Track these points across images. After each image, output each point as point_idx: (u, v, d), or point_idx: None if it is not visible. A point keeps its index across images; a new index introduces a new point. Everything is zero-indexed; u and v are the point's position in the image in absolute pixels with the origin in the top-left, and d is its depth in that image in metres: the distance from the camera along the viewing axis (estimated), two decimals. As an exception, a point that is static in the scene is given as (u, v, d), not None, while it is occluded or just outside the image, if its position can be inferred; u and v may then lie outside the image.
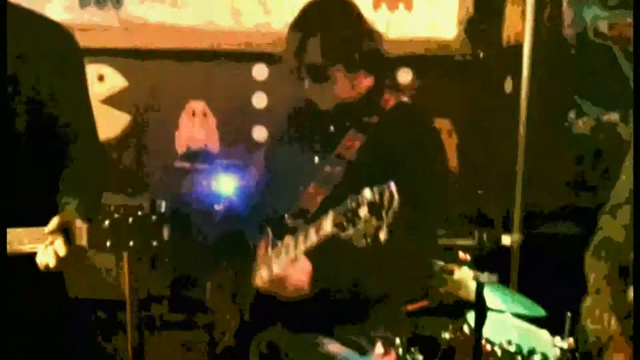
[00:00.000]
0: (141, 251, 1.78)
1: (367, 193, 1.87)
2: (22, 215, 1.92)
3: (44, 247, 1.83)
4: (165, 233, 1.77)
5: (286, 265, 2.10)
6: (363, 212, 1.85)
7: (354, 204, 1.88)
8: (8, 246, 1.87)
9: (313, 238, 2.01)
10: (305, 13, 2.27)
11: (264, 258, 2.21)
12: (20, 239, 1.87)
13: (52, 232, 1.81)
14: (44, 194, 2.03)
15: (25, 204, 1.99)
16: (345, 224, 1.88)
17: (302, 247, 2.05)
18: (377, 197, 1.84)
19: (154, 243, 1.76)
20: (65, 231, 1.81)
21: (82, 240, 1.77)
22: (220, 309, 2.39)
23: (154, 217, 1.76)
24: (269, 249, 2.21)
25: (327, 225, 1.94)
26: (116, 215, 1.75)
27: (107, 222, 1.75)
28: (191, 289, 3.45)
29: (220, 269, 2.40)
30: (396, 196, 1.82)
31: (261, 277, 2.18)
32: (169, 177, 3.88)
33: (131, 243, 1.75)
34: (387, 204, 1.82)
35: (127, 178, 3.97)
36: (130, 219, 1.75)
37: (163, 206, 1.78)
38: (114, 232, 1.75)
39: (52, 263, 1.82)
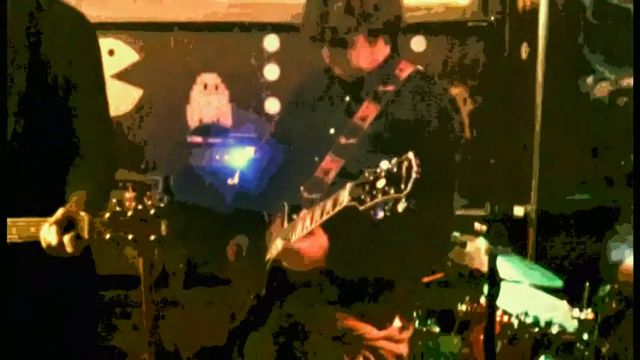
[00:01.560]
0: (140, 244, 1.79)
1: (384, 164, 1.84)
2: (31, 204, 1.94)
3: (47, 226, 1.86)
4: (163, 227, 1.78)
5: (302, 238, 2.08)
6: (381, 184, 1.82)
7: (371, 176, 1.85)
8: (17, 235, 1.90)
9: (330, 211, 1.99)
10: None
11: (280, 231, 2.20)
12: (28, 228, 1.90)
13: (56, 223, 1.84)
14: (54, 178, 2.03)
15: (33, 189, 1.99)
16: (363, 196, 1.86)
17: (318, 220, 2.04)
18: (395, 168, 1.82)
19: (152, 237, 1.78)
20: (70, 222, 1.84)
21: (84, 231, 1.81)
22: (238, 279, 2.38)
23: (152, 212, 1.77)
24: (285, 222, 2.19)
25: (344, 197, 1.91)
26: (117, 208, 1.77)
27: (107, 215, 1.77)
28: (206, 264, 3.45)
29: (238, 238, 2.39)
30: (415, 167, 1.79)
31: (277, 248, 2.17)
32: (181, 152, 3.86)
33: (130, 236, 1.78)
34: (405, 174, 1.79)
35: (139, 154, 3.96)
36: (129, 213, 1.77)
37: (165, 200, 1.78)
38: (113, 224, 1.77)
39: (54, 241, 1.85)
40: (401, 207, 1.81)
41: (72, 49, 2.04)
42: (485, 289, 2.82)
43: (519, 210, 3.26)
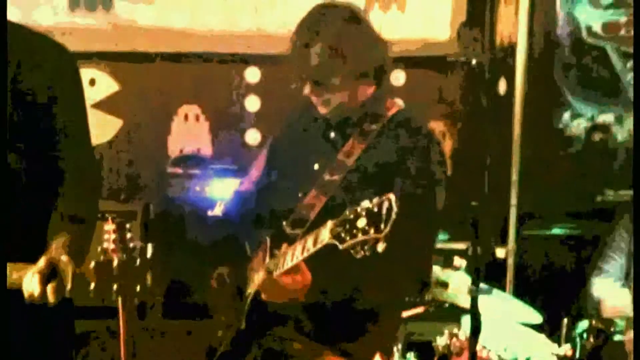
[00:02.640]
0: (125, 296, 1.77)
1: (365, 204, 1.84)
2: (16, 233, 1.93)
3: (30, 276, 1.84)
4: (149, 279, 1.76)
5: (285, 273, 2.08)
6: (361, 223, 1.83)
7: (352, 215, 1.86)
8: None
9: (310, 248, 1.99)
10: (313, 15, 2.23)
11: (262, 265, 2.19)
12: (10, 274, 1.88)
13: (39, 272, 1.82)
14: (36, 217, 2.02)
15: (18, 221, 1.98)
16: (343, 234, 1.87)
17: (299, 257, 2.04)
18: (375, 208, 1.82)
19: (137, 288, 1.76)
20: (53, 270, 1.82)
21: (67, 281, 1.78)
22: (218, 311, 2.37)
23: (138, 262, 1.75)
24: (267, 256, 2.19)
25: (325, 235, 1.92)
26: (101, 258, 1.75)
27: (91, 265, 1.75)
28: (187, 295, 3.42)
29: (220, 270, 2.38)
30: (395, 208, 1.80)
31: (257, 283, 2.16)
32: (161, 182, 3.85)
33: (115, 287, 1.75)
34: (385, 215, 1.80)
35: (119, 184, 3.94)
36: (115, 262, 1.75)
37: (149, 250, 1.77)
38: (98, 275, 1.75)
39: (36, 292, 1.83)
40: (381, 247, 1.83)
41: (54, 80, 2.04)
42: (464, 322, 2.84)
43: (501, 252, 3.30)
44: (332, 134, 2.26)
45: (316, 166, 2.24)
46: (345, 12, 2.22)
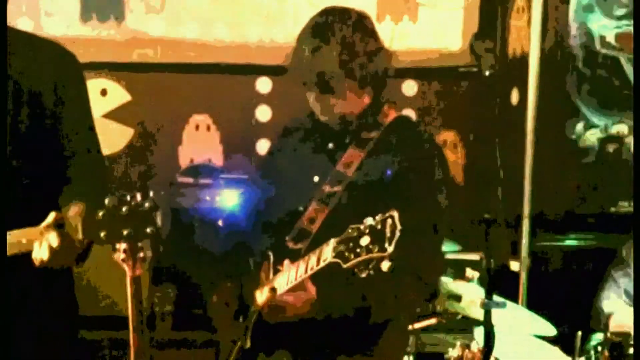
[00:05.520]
0: (135, 239, 1.78)
1: (368, 221, 1.81)
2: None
3: (39, 243, 1.84)
4: (159, 219, 1.77)
5: (289, 291, 2.05)
6: (364, 241, 1.80)
7: (355, 233, 1.82)
8: (8, 248, 1.87)
9: (314, 267, 1.96)
10: (320, 20, 2.18)
11: (265, 282, 2.16)
12: (18, 239, 1.87)
13: (47, 227, 1.82)
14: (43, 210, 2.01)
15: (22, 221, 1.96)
16: (346, 253, 1.83)
17: (303, 274, 2.00)
18: (379, 226, 1.78)
19: (148, 230, 1.76)
20: (61, 227, 1.82)
21: (78, 232, 1.78)
22: (224, 328, 2.34)
23: (146, 204, 1.75)
24: (270, 272, 2.16)
25: (328, 253, 1.89)
26: (110, 206, 1.75)
27: (100, 213, 1.74)
28: (197, 306, 3.41)
29: (224, 285, 2.35)
30: (399, 225, 1.75)
31: (262, 299, 2.12)
32: (172, 192, 3.84)
33: (125, 232, 1.75)
34: (390, 233, 1.76)
35: (130, 193, 3.93)
36: (124, 208, 1.74)
37: (151, 193, 1.78)
38: (107, 222, 1.74)
39: (45, 256, 1.83)
40: (385, 266, 1.79)
41: (59, 85, 2.05)
42: (478, 334, 2.81)
43: (514, 265, 3.27)
44: (331, 145, 2.22)
45: (316, 178, 2.20)
46: (353, 17, 2.18)
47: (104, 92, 3.95)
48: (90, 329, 3.26)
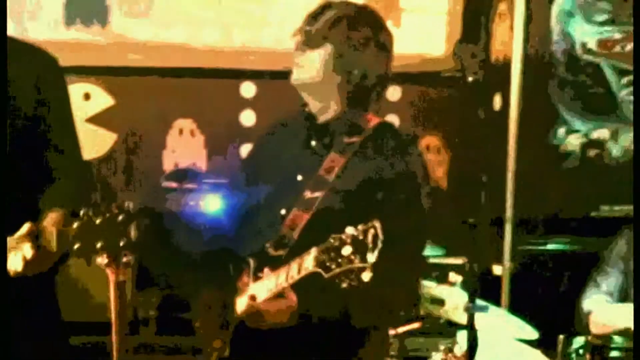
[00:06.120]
0: (109, 252, 1.76)
1: (350, 230, 1.79)
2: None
3: (13, 253, 1.83)
4: (133, 232, 1.75)
5: (269, 299, 2.03)
6: (346, 251, 1.78)
7: (337, 242, 1.80)
8: None
9: (295, 276, 1.93)
10: (325, 15, 2.13)
11: (244, 289, 2.15)
12: None
13: (21, 237, 1.82)
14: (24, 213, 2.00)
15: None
16: (327, 263, 1.80)
17: (284, 283, 1.98)
18: (361, 236, 1.76)
19: (121, 243, 1.74)
20: (36, 237, 1.81)
21: (52, 243, 1.78)
22: (207, 333, 2.33)
23: (120, 217, 1.74)
24: (251, 279, 2.15)
25: (309, 263, 1.86)
26: (84, 218, 1.73)
27: (75, 225, 1.73)
28: (181, 310, 3.40)
29: (207, 291, 2.34)
30: (381, 236, 1.74)
31: (242, 307, 2.11)
32: (156, 197, 3.84)
33: (99, 245, 1.74)
34: (372, 244, 1.75)
35: (113, 198, 3.92)
36: (98, 220, 1.73)
37: (130, 205, 1.76)
38: (81, 234, 1.73)
39: (19, 267, 1.83)
40: (367, 276, 1.77)
41: (40, 89, 2.05)
42: (460, 337, 2.82)
43: (498, 269, 3.28)
44: (313, 142, 2.21)
45: (299, 177, 2.19)
46: (363, 14, 2.17)
47: (87, 97, 3.93)
48: (76, 334, 3.26)
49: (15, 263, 1.83)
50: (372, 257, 1.76)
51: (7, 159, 2.00)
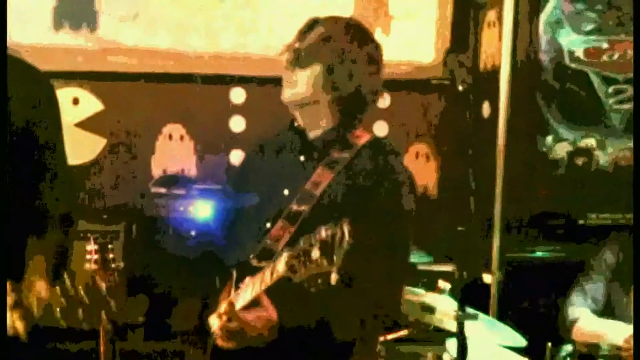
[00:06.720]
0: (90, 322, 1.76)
1: (319, 233, 1.76)
2: None
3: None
4: (114, 305, 1.75)
5: (245, 309, 2.00)
6: (315, 254, 1.75)
7: (307, 245, 1.78)
8: None
9: (268, 281, 1.92)
10: (333, 29, 2.13)
11: (226, 300, 2.13)
12: None
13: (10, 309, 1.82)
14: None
15: None
16: (296, 266, 1.79)
17: (258, 290, 1.96)
18: (329, 239, 1.74)
19: (103, 316, 1.75)
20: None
21: (34, 307, 1.78)
22: (186, 340, 2.31)
23: (103, 288, 1.74)
24: (232, 291, 2.13)
25: (281, 267, 1.84)
26: (67, 283, 1.74)
27: (58, 290, 1.73)
28: (169, 317, 3.39)
29: (185, 301, 2.32)
30: (347, 237, 1.71)
31: (217, 323, 2.06)
32: (144, 203, 3.82)
33: (80, 314, 1.73)
34: (337, 244, 1.72)
35: (101, 204, 3.91)
36: (83, 296, 1.73)
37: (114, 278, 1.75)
38: (64, 300, 1.73)
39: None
40: (334, 279, 1.74)
41: (31, 101, 2.04)
42: (449, 345, 2.83)
43: (487, 278, 3.29)
44: (302, 157, 2.19)
45: (286, 192, 2.17)
46: (350, 30, 2.15)
47: (75, 101, 3.92)
48: (62, 341, 3.24)
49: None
50: (337, 258, 1.73)
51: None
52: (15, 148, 2.02)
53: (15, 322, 1.79)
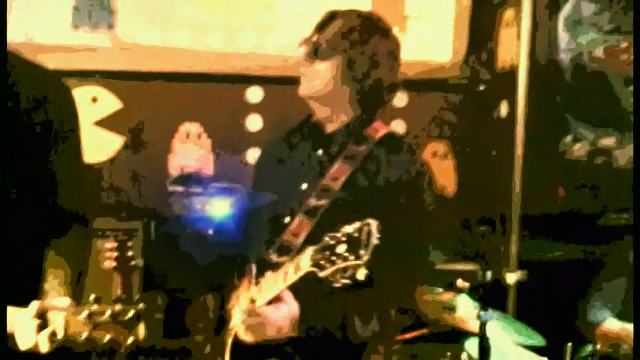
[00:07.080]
0: (116, 346, 1.73)
1: (346, 229, 1.79)
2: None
3: (22, 329, 1.81)
4: (142, 331, 1.71)
5: (268, 304, 2.01)
6: (341, 249, 1.77)
7: (332, 241, 1.80)
8: None
9: (292, 276, 1.93)
10: (334, 25, 2.16)
11: (245, 295, 2.14)
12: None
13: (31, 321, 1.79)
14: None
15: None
16: (322, 262, 1.80)
17: (281, 285, 1.97)
18: (355, 234, 1.77)
19: (129, 340, 1.70)
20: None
21: (60, 330, 1.75)
22: (200, 339, 2.31)
23: (131, 313, 1.70)
24: (252, 285, 2.14)
25: (306, 262, 1.86)
26: (94, 307, 1.70)
27: (85, 313, 1.70)
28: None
29: (203, 297, 2.33)
30: (375, 234, 1.74)
31: (239, 317, 2.07)
32: (162, 201, 3.83)
33: (107, 338, 1.70)
34: (364, 241, 1.74)
35: (119, 202, 3.93)
36: (108, 312, 1.69)
37: (141, 304, 1.72)
38: (90, 325, 1.70)
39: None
40: (361, 274, 1.76)
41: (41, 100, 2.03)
42: (468, 345, 2.82)
43: (510, 278, 3.28)
44: (320, 152, 2.20)
45: (304, 186, 2.19)
46: (370, 23, 2.17)
47: (94, 100, 3.94)
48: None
49: (25, 337, 1.79)
50: (365, 253, 1.74)
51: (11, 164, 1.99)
52: (26, 147, 2.02)
53: (39, 344, 1.78)
